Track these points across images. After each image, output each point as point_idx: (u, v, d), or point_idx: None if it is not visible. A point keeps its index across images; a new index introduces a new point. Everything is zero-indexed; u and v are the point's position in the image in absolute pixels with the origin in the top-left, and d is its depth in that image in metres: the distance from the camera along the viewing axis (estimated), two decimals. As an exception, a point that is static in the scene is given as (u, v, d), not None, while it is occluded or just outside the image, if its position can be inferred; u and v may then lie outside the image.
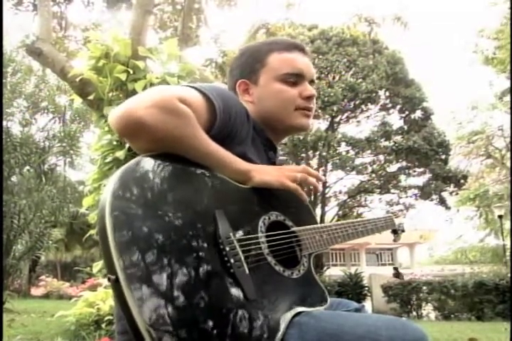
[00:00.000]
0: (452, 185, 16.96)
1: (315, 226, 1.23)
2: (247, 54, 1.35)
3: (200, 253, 0.88)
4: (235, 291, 0.90)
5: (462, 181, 16.93)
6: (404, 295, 11.96)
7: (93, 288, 6.70)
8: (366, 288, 13.55)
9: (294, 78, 1.29)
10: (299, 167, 1.17)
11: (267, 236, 1.05)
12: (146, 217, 0.84)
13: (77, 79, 4.79)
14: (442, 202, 17.39)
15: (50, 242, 14.15)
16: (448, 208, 17.78)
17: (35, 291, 19.20)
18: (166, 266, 0.81)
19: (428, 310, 12.30)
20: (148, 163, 0.92)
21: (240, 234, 0.98)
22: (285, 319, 0.97)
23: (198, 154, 0.99)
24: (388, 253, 33.67)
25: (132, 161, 0.91)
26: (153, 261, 0.80)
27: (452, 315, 11.46)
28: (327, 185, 17.31)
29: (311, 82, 1.33)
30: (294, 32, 15.71)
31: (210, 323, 0.82)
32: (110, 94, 4.60)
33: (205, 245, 0.90)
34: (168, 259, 0.82)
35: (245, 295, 0.90)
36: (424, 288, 11.98)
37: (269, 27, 9.67)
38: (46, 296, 17.72)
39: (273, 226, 1.09)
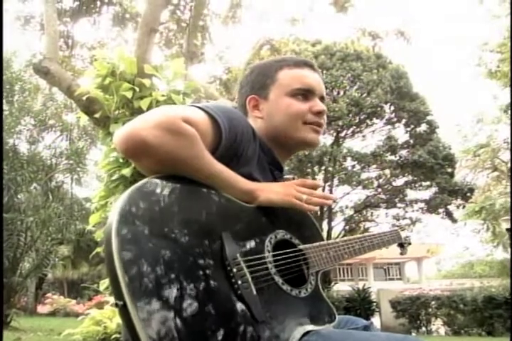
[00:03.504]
0: (459, 199, 16.88)
1: (321, 243, 1.22)
2: (256, 71, 1.36)
3: (208, 278, 0.87)
4: (244, 313, 0.89)
5: (468, 194, 16.85)
6: (413, 310, 11.83)
7: (100, 305, 6.67)
8: (374, 304, 13.41)
9: (305, 93, 1.29)
10: (305, 190, 1.16)
11: (273, 256, 1.04)
12: (154, 240, 0.84)
13: (84, 98, 4.83)
14: (449, 215, 17.29)
15: (57, 259, 14.16)
16: (455, 221, 17.67)
17: (41, 309, 19.12)
18: (174, 290, 0.80)
19: (437, 325, 12.15)
20: (155, 185, 0.91)
21: (246, 254, 0.98)
22: (294, 339, 0.96)
23: (202, 175, 0.99)
24: (396, 267, 33.36)
25: (139, 183, 0.90)
26: (161, 287, 0.79)
27: (462, 331, 11.30)
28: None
29: (321, 98, 1.34)
30: (298, 48, 15.83)
31: None
32: (116, 112, 4.64)
33: (213, 267, 0.89)
34: (176, 283, 0.81)
35: (253, 316, 0.89)
36: (433, 302, 11.85)
37: (274, 43, 9.74)
38: (53, 314, 17.64)
39: (280, 245, 1.09)
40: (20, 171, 11.90)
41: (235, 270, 0.91)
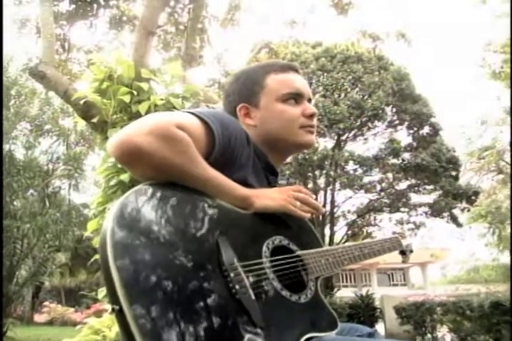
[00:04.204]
0: (463, 202, 16.86)
1: (320, 249, 1.23)
2: (243, 78, 1.37)
3: (205, 282, 0.88)
4: (242, 318, 0.90)
5: (473, 197, 16.83)
6: (418, 316, 11.77)
7: (98, 313, 6.66)
8: (378, 310, 13.37)
9: (294, 97, 1.32)
10: (301, 196, 1.18)
11: (271, 261, 1.05)
12: (148, 247, 0.85)
13: (81, 102, 4.83)
14: (454, 219, 17.26)
15: (54, 267, 14.16)
16: (460, 225, 17.63)
17: (38, 318, 19.09)
18: (171, 296, 0.81)
19: (443, 332, 12.07)
20: (146, 193, 0.93)
21: (244, 259, 0.98)
22: None
23: (196, 181, 1.00)
24: (400, 273, 33.27)
25: (131, 191, 0.92)
26: (157, 291, 0.80)
27: (469, 337, 11.23)
28: (335, 204, 17.26)
29: (309, 100, 1.37)
30: (297, 50, 15.87)
31: None
32: (114, 117, 4.64)
33: (210, 273, 0.90)
34: (173, 289, 0.82)
35: (253, 321, 0.90)
36: (439, 309, 11.78)
37: (272, 46, 9.76)
38: (50, 323, 17.62)
39: (277, 251, 1.10)
40: (17, 177, 11.92)
41: (232, 275, 0.92)
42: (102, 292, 4.48)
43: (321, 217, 15.85)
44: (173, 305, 0.81)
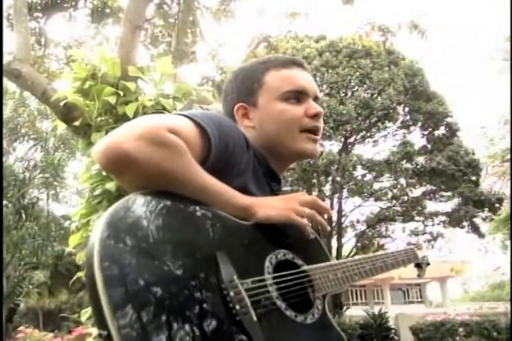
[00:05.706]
0: (486, 210, 16.87)
1: (328, 263, 1.23)
2: (241, 75, 1.38)
3: (203, 302, 0.88)
4: None
5: (497, 205, 16.83)
6: (438, 338, 11.74)
7: (81, 338, 6.63)
8: (393, 331, 13.35)
9: (297, 96, 1.31)
10: (308, 198, 1.18)
11: (274, 278, 1.05)
12: (141, 266, 0.84)
13: (61, 103, 4.84)
14: (475, 229, 17.27)
15: (31, 287, 14.10)
16: (482, 236, 17.62)
17: (12, 345, 18.96)
18: (166, 319, 0.81)
19: (466, 355, 12.05)
20: (139, 202, 0.93)
21: (244, 276, 0.98)
22: None
23: (191, 189, 1.00)
24: (416, 289, 33.15)
25: (121, 201, 0.92)
26: (149, 313, 0.80)
27: (495, 361, 11.22)
28: (343, 213, 17.27)
29: (315, 99, 1.36)
30: (299, 45, 15.93)
31: None
32: (98, 119, 4.64)
33: (208, 292, 0.90)
34: (168, 312, 0.82)
35: None
36: (461, 329, 11.74)
37: (271, 40, 9.79)
38: (26, 349, 17.50)
39: (281, 266, 1.09)
40: (-11, 187, 11.91)
41: (232, 294, 0.92)
42: (86, 313, 4.46)
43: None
44: (168, 323, 0.81)
